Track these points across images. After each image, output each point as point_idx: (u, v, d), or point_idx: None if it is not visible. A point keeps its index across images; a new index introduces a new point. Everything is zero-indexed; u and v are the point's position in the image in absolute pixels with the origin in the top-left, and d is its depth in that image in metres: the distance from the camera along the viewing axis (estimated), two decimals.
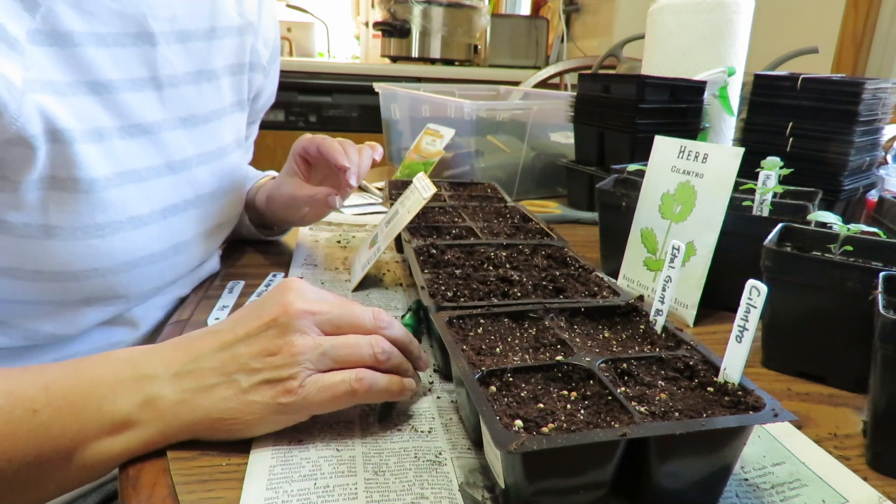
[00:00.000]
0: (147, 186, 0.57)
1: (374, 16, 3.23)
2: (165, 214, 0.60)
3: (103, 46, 0.53)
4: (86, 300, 0.56)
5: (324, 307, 0.43)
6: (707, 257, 0.61)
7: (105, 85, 0.53)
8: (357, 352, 0.42)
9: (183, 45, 0.61)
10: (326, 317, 0.42)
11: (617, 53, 1.85)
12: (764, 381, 0.53)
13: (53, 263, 0.52)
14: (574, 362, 0.40)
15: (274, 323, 0.41)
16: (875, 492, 0.39)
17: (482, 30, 2.68)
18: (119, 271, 0.56)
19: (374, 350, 0.43)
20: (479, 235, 0.68)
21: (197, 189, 0.64)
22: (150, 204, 0.58)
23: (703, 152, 0.64)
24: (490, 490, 0.38)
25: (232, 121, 0.71)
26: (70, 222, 0.51)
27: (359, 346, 0.42)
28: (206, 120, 0.65)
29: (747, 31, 1.04)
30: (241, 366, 0.40)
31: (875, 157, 0.88)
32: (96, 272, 0.54)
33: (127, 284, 0.57)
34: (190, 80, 0.63)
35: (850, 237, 0.53)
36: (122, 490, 0.39)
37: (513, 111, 1.18)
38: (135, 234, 0.56)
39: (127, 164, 0.55)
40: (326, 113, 2.38)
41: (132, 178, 0.56)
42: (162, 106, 0.59)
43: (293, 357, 0.40)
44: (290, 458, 0.39)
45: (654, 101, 0.96)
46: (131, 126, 0.56)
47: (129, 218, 0.55)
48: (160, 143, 0.59)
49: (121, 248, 0.55)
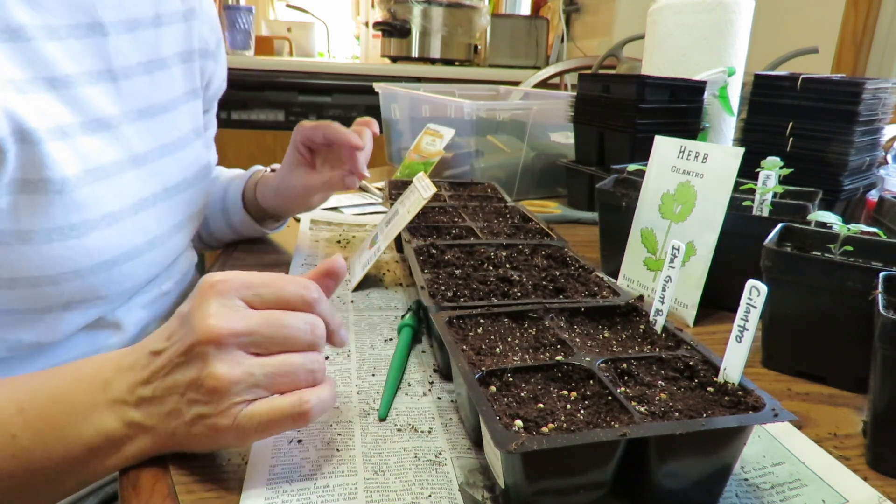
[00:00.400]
0: (115, 182, 0.57)
1: (374, 16, 3.23)
2: (136, 209, 0.59)
3: (56, 39, 0.52)
4: (66, 304, 0.54)
5: (251, 322, 0.37)
6: (707, 257, 0.61)
7: (63, 80, 0.52)
8: (293, 379, 0.37)
9: (132, 34, 0.61)
10: (253, 337, 0.37)
11: (617, 53, 1.85)
12: (764, 381, 0.53)
13: (30, 269, 0.50)
14: (574, 362, 0.40)
15: (192, 352, 0.36)
16: (875, 492, 0.39)
17: (482, 30, 2.68)
18: (98, 271, 0.55)
19: (313, 369, 0.38)
20: (479, 235, 0.68)
21: (163, 181, 0.64)
22: (120, 200, 0.57)
23: (703, 152, 0.64)
24: (490, 490, 0.38)
25: (188, 110, 0.70)
26: (44, 225, 0.50)
27: (295, 372, 0.37)
28: (163, 110, 0.65)
29: (747, 31, 1.04)
30: (174, 402, 0.37)
31: (875, 157, 0.88)
32: (76, 274, 0.53)
33: (107, 284, 0.56)
34: (143, 71, 0.62)
35: (850, 237, 0.53)
36: (122, 490, 0.39)
37: (513, 111, 1.18)
38: (110, 231, 0.56)
39: (93, 160, 0.54)
40: (326, 113, 2.38)
41: (100, 175, 0.55)
42: (119, 98, 0.59)
43: (218, 393, 0.35)
44: (290, 458, 0.39)
45: (654, 101, 0.96)
46: (93, 121, 0.55)
47: (102, 216, 0.55)
48: (121, 136, 0.58)
49: (98, 248, 0.54)
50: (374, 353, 0.54)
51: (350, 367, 0.51)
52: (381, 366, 0.51)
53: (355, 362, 0.52)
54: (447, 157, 1.13)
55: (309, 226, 0.91)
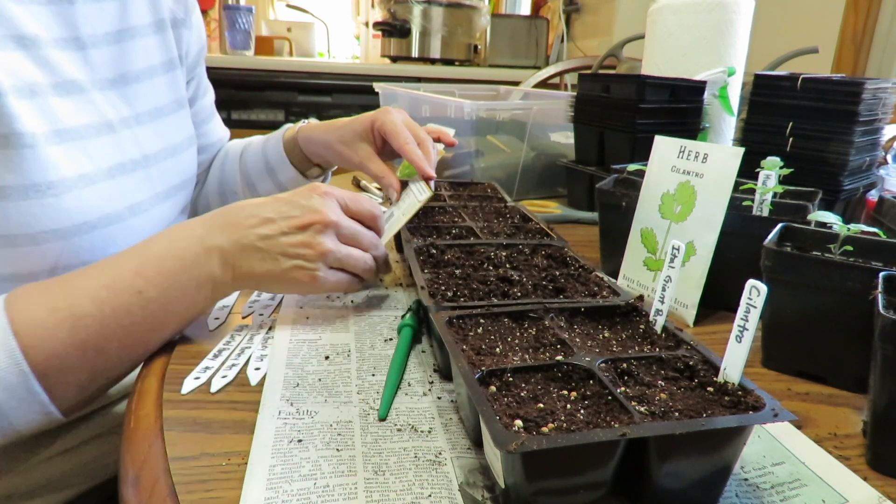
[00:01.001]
0: (88, 145, 0.58)
1: (374, 16, 3.23)
2: (113, 174, 0.60)
3: (21, 4, 0.54)
4: (52, 270, 0.56)
5: (345, 221, 0.57)
6: (707, 257, 0.61)
7: (32, 40, 0.54)
8: (358, 264, 0.58)
9: (98, 4, 0.62)
10: (346, 231, 0.57)
11: (617, 53, 1.85)
12: (764, 381, 0.53)
13: (9, 226, 0.52)
14: (574, 362, 0.40)
15: (311, 226, 0.54)
16: (875, 492, 0.39)
17: (482, 30, 2.68)
18: (79, 232, 0.56)
19: (367, 266, 0.59)
20: (479, 235, 0.68)
21: (142, 149, 0.65)
22: (94, 163, 0.58)
23: (703, 152, 0.64)
24: (490, 490, 0.38)
25: (166, 80, 0.71)
26: (20, 181, 0.52)
27: (360, 260, 0.58)
28: (136, 79, 0.66)
29: (747, 31, 1.04)
30: (283, 251, 0.53)
31: (875, 157, 0.88)
32: (55, 234, 0.54)
33: (90, 248, 0.57)
34: (112, 40, 0.63)
35: (850, 237, 0.53)
36: (122, 490, 0.39)
37: (513, 111, 1.18)
38: (87, 192, 0.57)
39: (65, 122, 0.56)
40: (326, 113, 2.38)
41: (73, 136, 0.56)
42: (87, 66, 0.60)
43: (321, 255, 0.54)
44: (290, 457, 0.39)
45: (654, 101, 0.96)
46: (64, 83, 0.56)
47: (78, 176, 0.56)
48: (92, 103, 0.59)
49: (76, 208, 0.56)
50: (374, 353, 0.54)
51: (350, 367, 0.51)
52: (381, 366, 0.51)
53: (355, 362, 0.52)
54: (447, 157, 1.13)
55: None
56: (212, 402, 0.46)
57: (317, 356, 0.52)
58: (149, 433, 0.42)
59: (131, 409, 0.46)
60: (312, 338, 0.55)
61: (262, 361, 0.51)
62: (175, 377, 0.48)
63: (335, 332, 0.57)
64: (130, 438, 0.42)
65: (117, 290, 0.49)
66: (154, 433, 0.42)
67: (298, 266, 0.54)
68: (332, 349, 0.54)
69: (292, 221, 0.54)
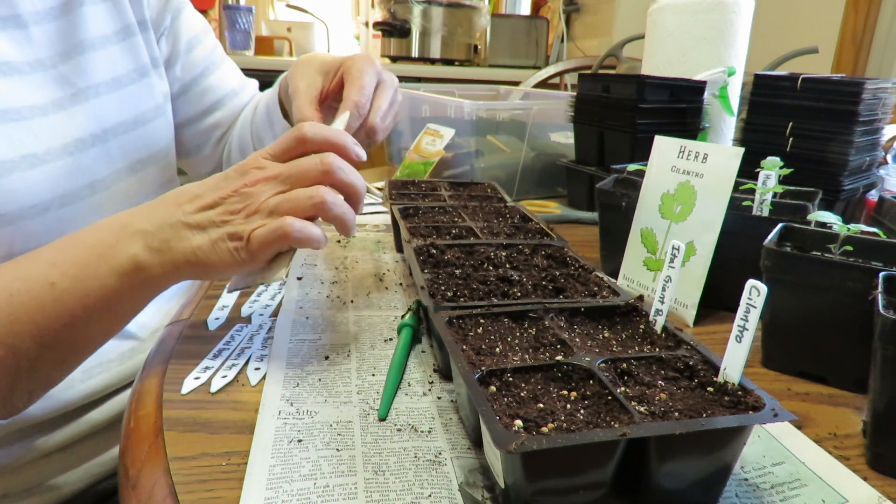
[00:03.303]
0: (34, 124, 0.56)
1: (374, 16, 3.23)
2: (70, 151, 0.58)
3: None
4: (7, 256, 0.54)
5: (276, 169, 0.48)
6: (707, 257, 0.61)
7: None
8: (301, 201, 0.47)
9: None
10: (284, 173, 0.48)
11: (617, 53, 1.85)
12: (764, 381, 0.53)
13: None
14: (574, 362, 0.40)
15: (239, 190, 0.47)
16: (875, 492, 0.39)
17: (482, 30, 2.68)
18: (29, 216, 0.54)
19: (315, 199, 0.47)
20: (479, 235, 0.68)
21: (101, 123, 0.62)
22: (42, 142, 0.56)
23: (703, 152, 0.64)
24: (490, 490, 0.38)
25: (123, 49, 0.67)
26: None
27: (304, 195, 0.47)
28: (90, 49, 0.63)
29: (747, 31, 1.04)
30: (210, 221, 0.47)
31: (875, 157, 0.88)
32: (3, 219, 0.53)
33: (44, 231, 0.56)
34: (57, 14, 0.61)
35: (850, 237, 0.53)
36: (121, 490, 0.39)
37: (513, 111, 1.18)
38: (34, 173, 0.55)
39: (2, 103, 0.54)
40: None
41: (13, 117, 0.54)
42: (30, 44, 0.58)
43: (255, 212, 0.47)
44: (289, 457, 0.39)
45: (654, 101, 0.96)
46: (2, 64, 0.55)
47: (21, 157, 0.54)
48: (37, 81, 0.58)
49: (22, 190, 0.54)
50: (374, 353, 0.54)
51: (350, 367, 0.51)
52: (381, 366, 0.51)
53: (355, 362, 0.52)
54: (447, 157, 1.13)
55: None
56: (212, 402, 0.46)
57: (317, 356, 0.52)
58: (148, 433, 0.42)
59: (131, 408, 0.46)
60: (312, 338, 0.55)
61: (262, 361, 0.51)
62: (175, 377, 0.48)
63: (335, 332, 0.57)
64: (130, 438, 0.42)
65: (30, 282, 0.45)
66: (154, 433, 0.42)
67: (231, 233, 0.47)
68: (332, 349, 0.54)
69: (219, 192, 0.48)
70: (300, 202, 0.47)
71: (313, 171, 0.48)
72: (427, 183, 0.92)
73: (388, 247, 0.83)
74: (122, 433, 0.45)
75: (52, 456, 0.63)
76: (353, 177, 0.50)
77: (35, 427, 0.61)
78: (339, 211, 0.49)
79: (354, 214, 0.51)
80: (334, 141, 0.50)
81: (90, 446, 0.66)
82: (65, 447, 0.64)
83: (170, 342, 0.54)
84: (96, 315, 0.47)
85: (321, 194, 0.47)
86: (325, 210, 0.48)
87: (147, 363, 0.52)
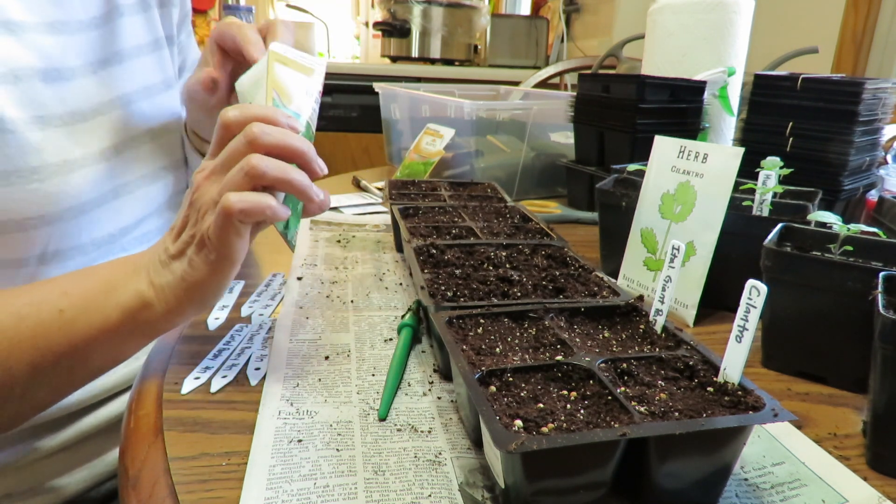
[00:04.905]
0: (75, 130, 0.58)
1: (374, 16, 3.23)
2: (108, 156, 0.60)
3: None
4: (41, 256, 0.55)
5: (211, 165, 0.46)
6: (707, 257, 0.61)
7: (19, 24, 0.54)
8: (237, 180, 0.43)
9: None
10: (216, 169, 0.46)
11: (617, 53, 1.85)
12: (764, 381, 0.53)
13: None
14: (574, 362, 0.40)
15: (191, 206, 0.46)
16: (875, 492, 0.39)
17: (482, 30, 2.68)
18: (66, 217, 0.56)
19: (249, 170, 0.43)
20: (479, 235, 0.68)
21: (130, 131, 0.65)
22: (82, 147, 0.58)
23: (703, 152, 0.64)
24: (490, 490, 0.38)
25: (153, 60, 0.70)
26: (3, 166, 0.52)
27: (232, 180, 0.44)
28: (129, 58, 0.66)
29: (747, 31, 1.04)
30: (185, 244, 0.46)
31: (875, 157, 0.88)
32: (42, 220, 0.54)
33: (78, 232, 0.57)
34: (100, 23, 0.63)
35: (850, 237, 0.53)
36: (121, 490, 0.39)
37: (513, 111, 1.18)
38: (74, 177, 0.56)
39: (48, 108, 0.56)
40: (326, 113, 2.38)
41: (56, 123, 0.56)
42: (74, 50, 0.59)
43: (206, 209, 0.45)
44: (289, 457, 0.39)
45: (654, 101, 0.96)
46: (50, 69, 0.56)
47: (63, 161, 0.56)
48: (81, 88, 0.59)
49: (63, 193, 0.55)
50: (373, 353, 0.54)
51: (350, 367, 0.51)
52: (381, 366, 0.51)
53: (355, 362, 0.52)
54: (447, 157, 1.13)
55: (309, 226, 0.91)
56: (212, 402, 0.46)
57: (317, 356, 0.52)
58: (148, 433, 0.42)
59: (131, 409, 0.46)
60: (312, 338, 0.56)
61: (262, 361, 0.51)
62: (175, 377, 0.48)
63: (335, 332, 0.57)
64: (130, 438, 0.42)
65: (41, 307, 0.46)
66: (154, 433, 0.42)
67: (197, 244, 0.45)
68: (332, 349, 0.54)
69: (182, 215, 0.47)
70: (234, 179, 0.43)
71: (240, 147, 0.45)
72: (427, 183, 0.92)
73: (388, 247, 0.83)
74: (121, 433, 0.45)
75: (55, 456, 0.63)
76: (284, 137, 0.45)
77: (38, 428, 0.62)
78: (278, 172, 0.44)
79: (306, 176, 0.46)
80: (257, 114, 0.46)
81: (93, 447, 0.66)
82: (67, 448, 0.64)
83: (170, 342, 0.54)
84: (97, 348, 0.47)
85: (250, 161, 0.43)
86: (261, 175, 0.43)
87: (147, 363, 0.52)
